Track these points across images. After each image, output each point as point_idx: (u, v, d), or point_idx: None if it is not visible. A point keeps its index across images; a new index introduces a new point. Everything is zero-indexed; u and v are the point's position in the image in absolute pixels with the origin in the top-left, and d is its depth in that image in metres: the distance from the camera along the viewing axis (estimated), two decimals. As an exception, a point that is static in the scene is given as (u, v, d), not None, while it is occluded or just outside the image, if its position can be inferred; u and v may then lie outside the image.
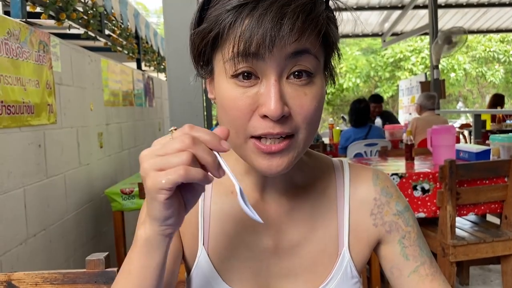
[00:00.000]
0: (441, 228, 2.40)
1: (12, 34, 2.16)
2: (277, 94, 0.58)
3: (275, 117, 0.58)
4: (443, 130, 2.82)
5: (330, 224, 0.75)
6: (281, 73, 0.60)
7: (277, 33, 0.56)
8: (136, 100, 4.63)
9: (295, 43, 0.58)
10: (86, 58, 3.22)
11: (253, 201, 0.74)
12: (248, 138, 0.62)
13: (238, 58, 0.59)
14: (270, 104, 0.58)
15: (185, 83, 1.95)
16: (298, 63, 0.60)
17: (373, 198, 0.77)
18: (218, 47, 0.62)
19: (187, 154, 0.51)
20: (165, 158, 0.52)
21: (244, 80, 0.60)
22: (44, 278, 0.90)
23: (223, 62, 0.61)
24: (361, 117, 4.15)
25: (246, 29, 0.57)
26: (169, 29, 1.96)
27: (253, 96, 0.60)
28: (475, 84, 18.17)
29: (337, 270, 0.74)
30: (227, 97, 0.62)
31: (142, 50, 5.26)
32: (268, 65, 0.59)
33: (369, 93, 16.93)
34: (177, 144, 0.52)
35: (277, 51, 0.57)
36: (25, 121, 2.26)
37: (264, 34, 0.56)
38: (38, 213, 2.40)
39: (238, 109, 0.61)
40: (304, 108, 0.61)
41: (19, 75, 2.21)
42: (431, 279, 0.75)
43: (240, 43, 0.57)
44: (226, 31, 0.59)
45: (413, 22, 7.73)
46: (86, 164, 3.14)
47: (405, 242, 0.76)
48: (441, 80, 5.87)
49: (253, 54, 0.58)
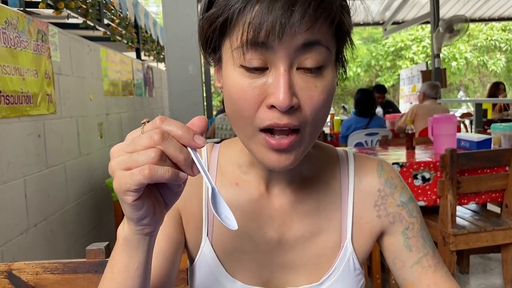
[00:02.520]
0: (441, 217, 2.40)
1: (10, 23, 2.15)
2: (286, 84, 0.56)
3: (283, 108, 0.56)
4: (444, 119, 2.81)
5: (333, 216, 0.75)
6: (291, 63, 0.57)
7: (287, 20, 0.53)
8: (136, 90, 4.62)
9: (306, 33, 0.55)
10: (85, 47, 3.20)
11: (258, 193, 0.73)
12: (257, 131, 0.61)
13: (246, 46, 0.56)
14: (279, 94, 0.56)
15: (185, 73, 1.94)
16: (309, 55, 0.57)
17: (377, 190, 0.77)
18: (226, 34, 0.60)
19: (155, 151, 0.47)
20: (131, 156, 0.48)
21: (253, 70, 0.58)
22: (45, 267, 0.90)
23: (231, 50, 0.59)
24: (366, 108, 4.16)
25: (256, 16, 0.54)
26: (168, 18, 1.95)
27: (261, 86, 0.58)
28: (476, 73, 18.11)
29: (339, 262, 0.74)
30: (234, 86, 0.60)
31: (141, 39, 5.24)
32: (278, 55, 0.56)
33: (370, 82, 16.91)
34: (145, 140, 0.48)
35: (288, 41, 0.55)
36: (24, 111, 2.25)
37: (274, 21, 0.53)
38: (38, 203, 2.40)
39: (245, 100, 0.59)
40: (313, 100, 0.59)
41: (18, 64, 2.20)
42: (434, 270, 0.75)
43: (249, 30, 0.55)
44: (236, 17, 0.56)
45: (414, 10, 7.68)
46: (86, 154, 3.14)
47: (408, 233, 0.76)
48: (442, 69, 5.85)
49: (262, 43, 0.56)
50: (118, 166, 0.49)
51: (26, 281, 0.90)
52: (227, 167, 0.76)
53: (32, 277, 0.90)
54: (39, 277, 0.90)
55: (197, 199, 0.75)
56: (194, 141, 0.50)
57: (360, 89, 4.40)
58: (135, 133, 0.51)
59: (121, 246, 0.56)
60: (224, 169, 0.76)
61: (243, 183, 0.74)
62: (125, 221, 0.55)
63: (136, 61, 4.74)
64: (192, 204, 0.75)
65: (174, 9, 1.93)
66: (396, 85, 15.58)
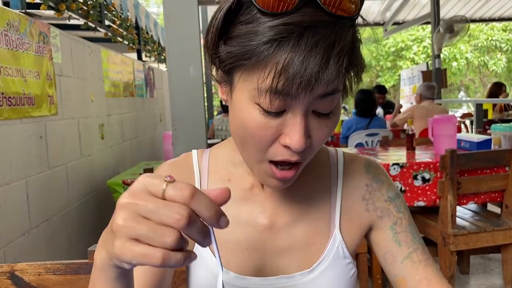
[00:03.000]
0: (441, 218, 2.40)
1: (12, 25, 2.16)
2: (303, 129, 0.58)
3: (299, 150, 0.59)
4: (444, 119, 2.82)
5: (323, 206, 0.77)
6: (308, 108, 0.58)
7: (321, 76, 0.53)
8: (137, 91, 4.63)
9: (330, 85, 0.56)
10: (86, 49, 3.21)
11: (250, 184, 0.76)
12: (265, 161, 0.63)
13: (274, 94, 0.55)
14: (296, 138, 0.57)
15: (186, 74, 1.95)
16: (326, 101, 0.58)
17: (365, 184, 0.80)
18: (248, 69, 0.57)
19: (175, 236, 0.42)
20: (145, 229, 0.42)
21: (271, 113, 0.58)
22: (47, 268, 0.90)
23: (254, 89, 0.57)
24: (367, 108, 4.16)
25: (289, 67, 0.52)
26: (169, 19, 1.95)
27: (277, 126, 0.59)
28: (477, 73, 18.09)
29: (329, 250, 0.76)
30: (251, 122, 0.59)
31: (142, 40, 5.24)
32: (300, 102, 0.57)
33: (371, 82, 16.89)
34: (166, 218, 0.42)
35: (314, 93, 0.56)
36: (26, 112, 2.26)
37: (309, 77, 0.52)
38: (40, 204, 2.41)
39: (260, 136, 0.59)
40: (322, 139, 0.62)
41: (19, 66, 2.21)
42: (425, 265, 0.76)
43: (280, 79, 0.53)
44: (265, 60, 0.54)
45: (415, 11, 7.67)
46: (88, 155, 3.14)
47: (397, 228, 0.78)
48: (442, 69, 5.85)
49: (290, 94, 0.55)
50: (125, 233, 0.43)
51: (28, 281, 0.90)
52: (219, 166, 0.79)
53: (34, 278, 0.90)
54: (41, 277, 0.90)
55: None
56: (218, 224, 0.45)
57: (360, 89, 4.41)
58: (154, 184, 0.44)
59: (98, 275, 0.51)
60: (216, 169, 0.79)
61: (235, 178, 0.77)
62: (103, 251, 0.49)
63: (137, 62, 4.75)
64: None
65: (175, 10, 1.94)
66: (397, 85, 15.56)
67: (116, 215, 0.43)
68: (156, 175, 0.45)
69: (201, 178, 0.78)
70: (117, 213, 0.44)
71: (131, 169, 3.53)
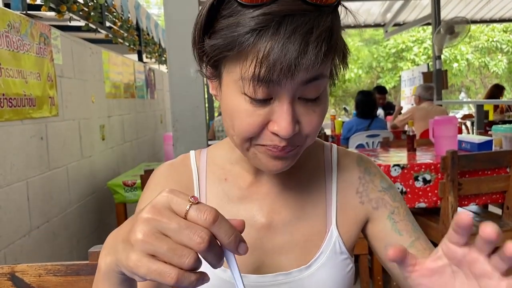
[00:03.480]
0: (442, 219, 2.40)
1: (13, 26, 2.16)
2: (290, 115, 0.59)
3: (286, 137, 0.59)
4: (445, 121, 2.81)
5: (318, 202, 0.78)
6: (294, 95, 0.60)
7: (301, 62, 0.55)
8: (138, 92, 4.63)
9: (313, 71, 0.57)
10: (87, 50, 3.21)
11: (247, 182, 0.77)
12: (256, 145, 0.64)
13: (256, 81, 0.57)
14: (283, 125, 0.59)
15: (186, 75, 1.95)
16: (312, 87, 0.60)
17: (357, 177, 0.80)
18: (232, 61, 0.60)
19: (192, 257, 0.42)
20: (164, 248, 0.42)
21: (257, 101, 0.60)
22: (47, 269, 0.90)
23: (239, 79, 0.59)
24: (367, 109, 4.16)
25: (270, 54, 0.55)
26: (170, 20, 1.96)
27: (265, 114, 0.60)
28: (477, 75, 18.08)
29: (326, 245, 0.76)
30: (238, 111, 0.61)
31: (143, 42, 5.25)
32: (285, 89, 0.58)
33: (371, 84, 16.90)
34: (186, 239, 0.42)
35: (297, 78, 0.57)
36: (26, 113, 2.26)
37: (289, 63, 0.54)
38: (41, 206, 2.41)
39: (249, 124, 0.61)
40: (311, 125, 0.62)
41: (20, 67, 2.21)
42: (430, 253, 0.74)
43: (261, 67, 0.55)
44: (249, 49, 0.56)
45: (416, 12, 7.67)
46: (89, 156, 3.15)
47: (395, 217, 0.77)
48: (443, 70, 5.84)
49: (272, 80, 0.57)
50: (143, 247, 0.43)
51: (29, 283, 0.90)
52: (217, 165, 0.80)
53: (35, 279, 0.90)
54: (42, 279, 0.90)
55: (188, 191, 0.78)
56: (237, 250, 0.46)
57: (360, 91, 4.42)
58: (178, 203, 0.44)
59: (102, 279, 0.51)
60: (213, 168, 0.80)
61: (232, 176, 0.78)
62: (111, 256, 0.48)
63: (137, 63, 4.75)
64: None
65: (176, 11, 1.94)
66: (398, 86, 15.57)
67: (136, 228, 0.43)
68: (181, 193, 0.45)
69: (200, 179, 0.79)
70: (137, 227, 0.43)
71: (132, 170, 3.53)
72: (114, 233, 0.50)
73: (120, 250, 0.45)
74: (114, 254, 0.47)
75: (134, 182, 2.94)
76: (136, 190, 2.95)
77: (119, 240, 0.47)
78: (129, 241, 0.44)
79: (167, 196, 0.45)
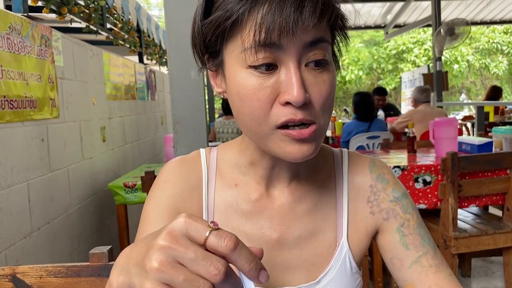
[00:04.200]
0: (443, 220, 2.40)
1: (14, 28, 2.17)
2: (299, 81, 0.58)
3: (299, 103, 0.58)
4: (445, 122, 2.82)
5: (329, 215, 0.76)
6: (300, 60, 0.59)
7: (299, 17, 0.55)
8: (138, 93, 4.64)
9: (314, 31, 0.58)
10: (88, 52, 3.22)
11: (257, 194, 0.75)
12: (274, 129, 0.61)
13: (258, 47, 0.57)
14: (293, 90, 0.57)
15: (187, 77, 1.95)
16: (316, 52, 0.59)
17: (369, 185, 0.77)
18: (231, 37, 0.60)
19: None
20: (180, 278, 0.41)
21: (264, 70, 0.59)
22: (48, 271, 0.91)
23: (242, 51, 0.59)
24: (365, 112, 4.15)
25: (267, 16, 0.55)
26: (170, 22, 1.96)
27: (273, 85, 0.59)
28: (478, 76, 18.08)
29: (335, 260, 0.74)
30: (245, 88, 0.60)
31: (143, 43, 5.26)
32: (288, 53, 0.58)
33: (372, 85, 16.90)
34: (203, 269, 0.41)
35: (298, 38, 0.57)
36: (28, 115, 2.27)
37: (286, 19, 0.55)
38: (42, 207, 2.42)
39: (258, 99, 0.60)
40: (322, 95, 0.61)
41: (21, 69, 2.22)
42: (435, 271, 0.72)
43: (261, 30, 0.56)
44: (245, 18, 0.57)
45: (416, 13, 7.68)
46: (89, 158, 3.15)
47: (404, 230, 0.75)
48: (444, 72, 5.85)
49: (274, 43, 0.57)
50: (158, 276, 0.41)
51: (30, 284, 0.90)
52: (226, 169, 0.78)
53: (36, 281, 0.91)
54: (42, 280, 0.91)
55: (197, 201, 0.76)
56: (258, 278, 0.44)
57: (357, 92, 4.40)
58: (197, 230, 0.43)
59: None
60: (223, 171, 0.78)
61: (242, 184, 0.76)
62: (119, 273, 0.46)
63: (138, 65, 4.76)
64: (193, 207, 0.76)
65: (177, 12, 1.94)
66: (398, 88, 15.57)
67: (152, 256, 0.42)
68: (199, 218, 0.44)
69: (209, 180, 0.77)
70: (153, 254, 0.42)
71: (133, 172, 3.53)
72: (127, 254, 0.48)
73: (133, 274, 0.44)
74: (127, 275, 0.45)
75: (135, 184, 2.95)
76: (137, 191, 2.95)
77: (132, 262, 0.45)
78: (143, 267, 0.43)
79: (184, 221, 0.43)
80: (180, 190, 0.76)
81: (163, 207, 0.74)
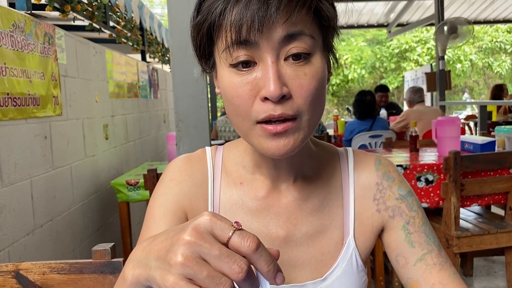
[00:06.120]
0: (445, 219, 2.40)
1: (17, 26, 2.17)
2: (275, 75, 0.59)
3: (275, 98, 0.58)
4: (448, 121, 2.81)
5: (336, 213, 0.76)
6: (277, 55, 0.60)
7: (265, 13, 0.56)
8: (141, 91, 4.64)
9: (287, 25, 0.58)
10: (91, 50, 3.23)
11: (263, 192, 0.75)
12: (254, 124, 0.62)
13: (233, 47, 0.60)
14: (269, 85, 0.58)
15: (190, 75, 1.95)
16: (294, 45, 0.60)
17: (375, 183, 0.78)
18: (217, 38, 0.63)
19: (228, 286, 0.42)
20: (204, 274, 0.42)
21: (242, 68, 0.61)
22: (51, 268, 0.91)
23: (220, 53, 0.62)
24: (366, 110, 4.14)
25: (236, 16, 0.57)
26: (173, 20, 1.96)
27: (252, 81, 0.61)
28: (481, 75, 18.02)
29: (342, 258, 0.74)
30: (228, 86, 0.63)
31: (146, 41, 5.26)
32: (263, 49, 0.59)
33: (375, 84, 16.85)
34: (227, 266, 0.42)
35: (269, 34, 0.58)
36: (31, 113, 2.27)
37: (252, 16, 0.56)
38: (45, 204, 2.43)
39: (239, 96, 0.61)
40: (304, 88, 0.61)
41: (25, 67, 2.22)
42: (440, 269, 0.73)
43: (232, 30, 0.58)
44: (218, 20, 0.60)
45: (419, 12, 7.66)
46: (92, 156, 3.16)
47: (409, 228, 0.75)
48: (446, 71, 5.83)
49: (245, 41, 0.59)
50: (182, 271, 0.42)
51: (33, 281, 0.91)
52: (232, 167, 0.78)
53: (39, 277, 0.91)
54: (45, 277, 0.91)
55: (203, 199, 0.77)
56: (275, 280, 0.45)
57: (358, 91, 4.40)
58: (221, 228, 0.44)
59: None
60: (228, 170, 0.78)
61: (248, 182, 0.76)
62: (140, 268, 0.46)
63: (141, 63, 4.76)
64: (198, 205, 0.76)
65: (180, 11, 1.94)
66: (401, 87, 15.54)
67: (177, 250, 0.43)
68: (223, 218, 0.45)
69: (214, 179, 0.78)
70: (178, 248, 0.43)
71: (135, 170, 3.54)
72: (145, 247, 0.48)
73: (154, 267, 0.44)
74: (145, 269, 0.46)
75: (137, 182, 2.95)
76: (139, 189, 2.96)
77: (152, 255, 0.46)
78: (166, 261, 0.43)
79: (210, 219, 0.44)
80: (186, 188, 0.76)
81: (169, 205, 0.75)
